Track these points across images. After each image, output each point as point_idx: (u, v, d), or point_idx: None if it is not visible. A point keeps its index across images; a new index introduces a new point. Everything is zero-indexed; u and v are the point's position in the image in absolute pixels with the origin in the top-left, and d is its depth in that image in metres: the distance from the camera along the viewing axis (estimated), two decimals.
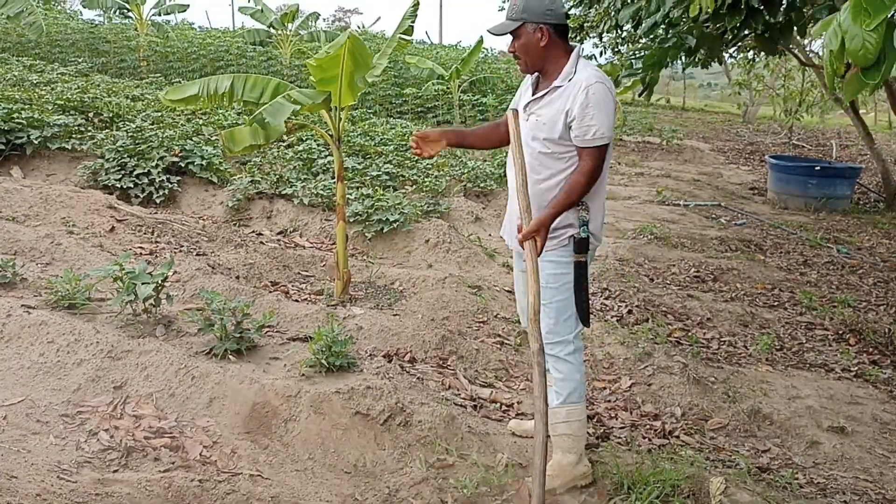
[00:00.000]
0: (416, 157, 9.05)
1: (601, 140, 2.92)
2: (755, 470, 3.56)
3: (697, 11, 4.15)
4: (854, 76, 2.29)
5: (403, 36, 5.39)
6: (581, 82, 2.91)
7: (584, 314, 3.13)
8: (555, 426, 3.14)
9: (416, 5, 5.39)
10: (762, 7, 4.69)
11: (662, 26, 5.43)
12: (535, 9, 2.95)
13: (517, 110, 3.06)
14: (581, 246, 3.03)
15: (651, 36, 5.67)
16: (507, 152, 3.24)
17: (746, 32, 5.15)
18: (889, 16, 2.17)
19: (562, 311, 3.10)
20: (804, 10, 5.06)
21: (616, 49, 13.32)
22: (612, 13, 8.24)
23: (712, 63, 9.40)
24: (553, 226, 2.95)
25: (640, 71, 5.25)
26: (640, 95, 7.02)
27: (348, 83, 4.75)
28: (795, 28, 5.23)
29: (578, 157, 2.98)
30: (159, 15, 18.44)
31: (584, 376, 3.24)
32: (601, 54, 13.21)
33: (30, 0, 8.26)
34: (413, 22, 5.40)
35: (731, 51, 11.94)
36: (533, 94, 3.09)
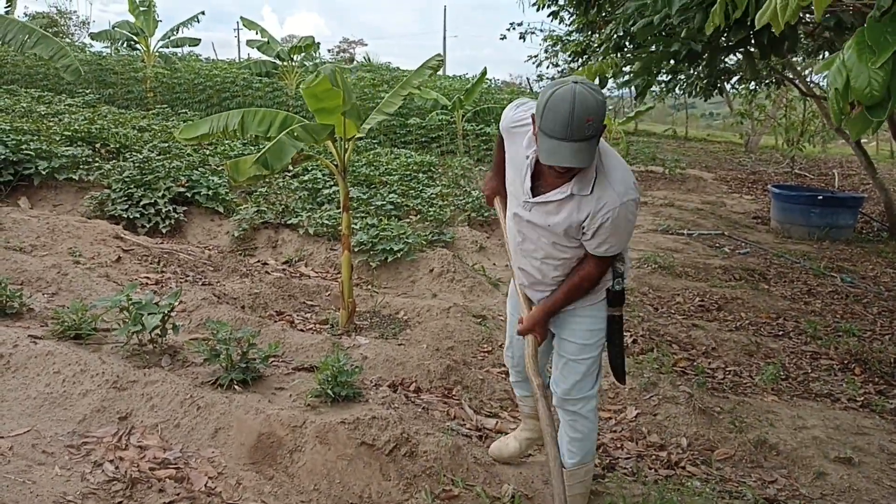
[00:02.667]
0: (421, 188, 9.14)
1: (614, 253, 2.73)
2: (762, 501, 3.53)
3: (712, 29, 4.18)
4: (860, 115, 2.28)
5: (420, 82, 5.48)
6: (603, 202, 2.56)
7: (619, 371, 3.01)
8: (571, 487, 3.05)
9: (440, 61, 5.50)
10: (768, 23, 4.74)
11: (659, 28, 5.43)
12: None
13: (505, 198, 2.99)
14: (616, 299, 2.87)
15: (645, 37, 5.65)
16: None
17: (746, 43, 5.16)
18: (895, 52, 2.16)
19: (591, 367, 2.98)
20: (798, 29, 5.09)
21: (618, 72, 13.43)
22: (616, 39, 8.34)
23: (714, 93, 9.48)
24: None
25: (632, 76, 5.27)
26: (635, 98, 7.05)
27: (348, 114, 4.84)
28: (786, 44, 5.25)
29: (584, 258, 2.78)
30: (167, 47, 18.65)
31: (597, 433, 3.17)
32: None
33: (59, 42, 8.35)
34: (434, 73, 5.50)
35: (732, 81, 12.03)
36: (535, 185, 2.72)
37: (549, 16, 12.93)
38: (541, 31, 21.11)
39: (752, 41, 5.03)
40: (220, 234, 7.45)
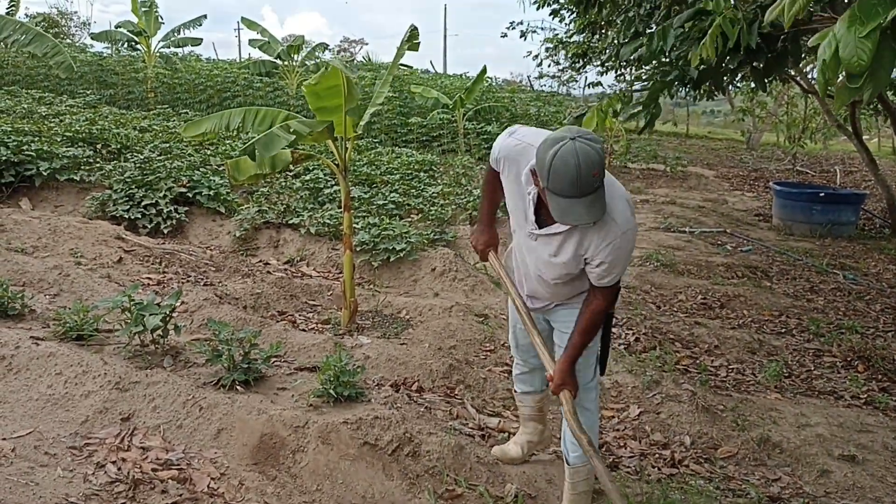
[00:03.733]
0: (422, 187, 9.13)
1: (615, 282, 2.80)
2: (766, 499, 3.53)
3: (698, 61, 4.23)
4: (843, 85, 2.34)
5: (404, 64, 5.43)
6: (606, 233, 2.63)
7: (603, 363, 3.17)
8: (575, 485, 3.13)
9: (413, 32, 5.30)
10: (763, 45, 4.75)
11: (664, 57, 5.49)
12: None
13: (497, 255, 3.21)
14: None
15: (652, 63, 5.74)
16: None
17: (748, 65, 5.20)
18: (882, 24, 2.22)
19: (589, 358, 3.07)
20: (801, 40, 5.11)
21: (619, 74, 13.43)
22: (617, 44, 8.34)
23: (716, 96, 9.47)
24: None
25: (640, 108, 5.30)
26: (639, 133, 7.09)
27: (350, 113, 4.81)
28: (790, 58, 5.28)
29: (591, 289, 2.85)
30: (168, 47, 18.64)
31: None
32: (602, 74, 13.33)
33: (54, 39, 8.36)
34: (412, 48, 5.30)
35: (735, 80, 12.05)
36: (539, 217, 2.78)
37: (550, 14, 12.93)
38: (542, 29, 21.05)
39: (752, 65, 5.05)
40: (222, 235, 7.44)
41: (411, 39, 5.21)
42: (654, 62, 5.79)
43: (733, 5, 4.66)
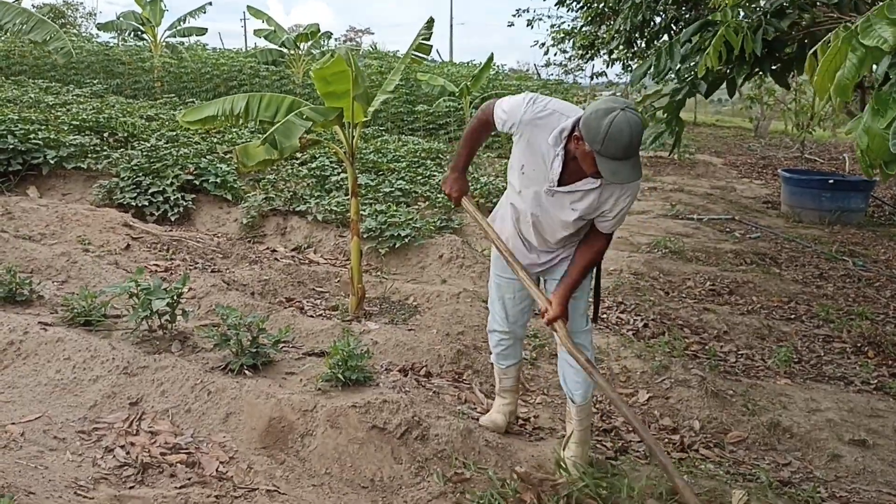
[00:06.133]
0: (429, 175, 9.11)
1: (618, 228, 3.18)
2: (776, 484, 3.51)
3: (704, 71, 4.24)
4: (882, 169, 2.55)
5: (417, 53, 5.40)
6: (627, 187, 2.96)
7: (596, 308, 3.49)
8: (581, 420, 3.39)
9: (430, 22, 5.39)
10: (767, 51, 4.71)
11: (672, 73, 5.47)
12: None
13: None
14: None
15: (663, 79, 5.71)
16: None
17: (757, 72, 5.15)
18: None
19: (585, 304, 3.36)
20: (806, 46, 5.05)
21: (626, 65, 13.34)
22: (624, 31, 8.26)
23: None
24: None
25: (663, 128, 5.27)
26: (670, 154, 7.13)
27: (358, 98, 4.80)
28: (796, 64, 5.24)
29: (593, 233, 3.15)
30: (174, 37, 18.62)
31: None
32: (609, 66, 13.24)
33: (55, 26, 8.34)
34: (427, 39, 5.38)
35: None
36: (563, 175, 3.00)
37: (555, 4, 12.82)
38: (548, 17, 20.87)
39: (762, 71, 5.01)
40: (229, 222, 7.44)
41: (426, 32, 5.33)
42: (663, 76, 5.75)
43: (741, 16, 4.63)
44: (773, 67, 4.96)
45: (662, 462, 2.85)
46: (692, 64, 4.95)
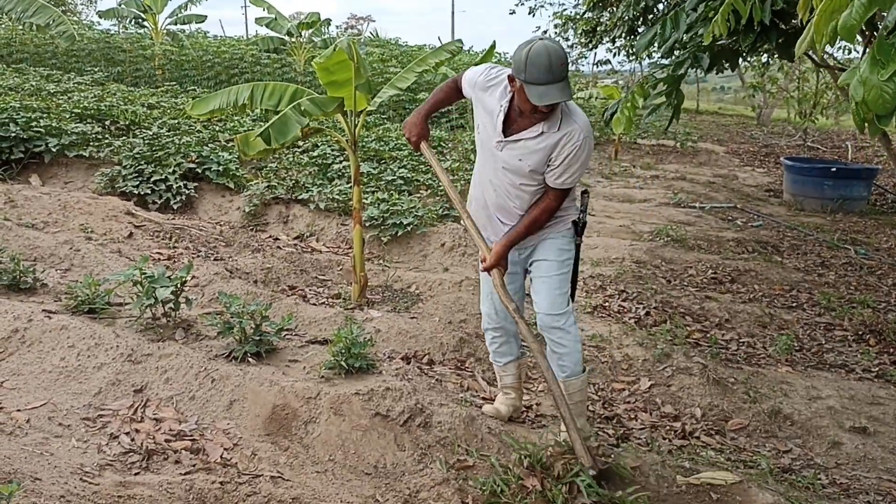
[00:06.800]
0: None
1: (570, 185, 3.20)
2: (777, 470, 3.53)
3: (711, 39, 4.19)
4: (874, 121, 2.44)
5: (436, 60, 5.41)
6: (570, 134, 3.07)
7: (572, 290, 3.47)
8: (570, 395, 3.36)
9: (459, 47, 5.46)
10: (776, 20, 4.68)
11: (678, 45, 5.43)
12: None
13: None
14: (581, 229, 3.38)
15: (670, 56, 5.67)
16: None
17: (763, 44, 5.13)
18: None
19: (564, 284, 3.36)
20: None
21: (630, 53, 13.29)
22: (627, 20, 8.24)
23: (726, 68, 9.37)
24: (557, 214, 3.27)
25: (662, 99, 5.24)
26: (665, 131, 7.05)
27: (360, 88, 4.79)
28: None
29: (544, 192, 3.22)
30: (175, 24, 18.56)
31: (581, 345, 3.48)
32: (614, 56, 13.18)
33: (57, 10, 8.34)
34: (451, 57, 5.45)
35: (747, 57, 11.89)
36: (507, 126, 3.17)
37: None
38: (550, 4, 20.82)
39: (768, 43, 4.98)
40: (231, 210, 7.45)
41: (454, 51, 5.68)
42: (668, 52, 5.72)
43: None
44: (779, 40, 4.92)
45: (562, 414, 3.02)
46: (699, 32, 4.91)
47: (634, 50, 6.19)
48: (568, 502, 2.89)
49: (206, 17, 18.84)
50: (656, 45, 5.29)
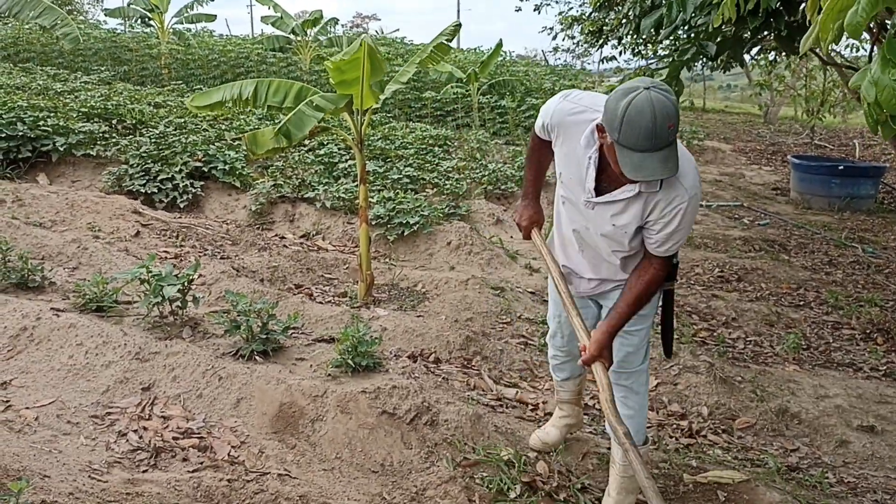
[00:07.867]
0: (437, 161, 9.10)
1: (675, 251, 2.62)
2: (785, 469, 3.53)
3: (720, 22, 4.16)
4: (887, 122, 2.37)
5: (436, 51, 5.36)
6: (673, 200, 2.44)
7: (668, 344, 2.96)
8: (626, 467, 2.87)
9: (457, 26, 5.40)
10: (781, 8, 4.67)
11: (683, 28, 5.41)
12: None
13: (538, 226, 3.02)
14: (671, 274, 2.73)
15: (672, 38, 5.67)
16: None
17: (766, 34, 5.12)
18: None
19: (643, 340, 2.85)
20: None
21: (636, 51, 13.25)
22: (633, 18, 8.22)
23: (733, 66, 9.35)
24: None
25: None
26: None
27: (369, 86, 4.78)
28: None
29: (645, 258, 2.65)
30: (181, 23, 18.59)
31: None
32: (620, 54, 13.16)
33: (62, 11, 8.37)
34: (450, 40, 5.36)
35: (752, 52, 11.85)
36: (599, 184, 2.56)
37: None
38: (556, 2, 20.80)
39: (773, 31, 4.95)
40: (238, 209, 7.46)
41: (451, 33, 5.36)
42: (672, 38, 5.72)
43: None
44: (783, 31, 4.90)
45: None
46: (706, 14, 4.88)
47: (639, 31, 6.13)
48: (574, 500, 2.89)
49: (216, 16, 18.88)
50: (663, 23, 5.23)
